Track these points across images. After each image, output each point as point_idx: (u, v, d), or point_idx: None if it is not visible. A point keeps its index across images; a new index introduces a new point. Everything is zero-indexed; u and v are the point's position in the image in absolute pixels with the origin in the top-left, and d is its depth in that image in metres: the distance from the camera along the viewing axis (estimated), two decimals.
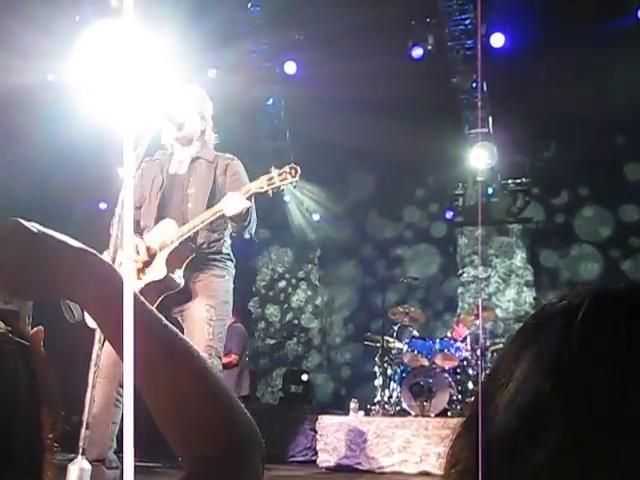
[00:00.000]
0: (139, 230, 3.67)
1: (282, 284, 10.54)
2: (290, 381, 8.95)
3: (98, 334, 2.59)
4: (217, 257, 3.72)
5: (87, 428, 2.71)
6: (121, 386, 3.52)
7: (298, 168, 3.43)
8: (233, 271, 3.79)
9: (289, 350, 10.25)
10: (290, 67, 8.76)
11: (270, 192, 3.41)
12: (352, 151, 9.14)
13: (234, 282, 3.79)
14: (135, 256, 3.50)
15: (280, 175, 3.43)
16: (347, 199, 10.09)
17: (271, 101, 9.36)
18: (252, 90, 8.88)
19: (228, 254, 3.78)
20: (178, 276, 3.53)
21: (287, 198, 10.21)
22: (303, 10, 8.06)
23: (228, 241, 3.79)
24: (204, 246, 3.68)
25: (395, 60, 8.35)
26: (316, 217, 10.28)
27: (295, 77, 8.80)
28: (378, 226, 10.02)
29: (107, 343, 3.01)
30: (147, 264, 3.54)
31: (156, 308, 3.08)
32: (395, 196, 9.89)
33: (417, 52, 8.32)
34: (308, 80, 8.61)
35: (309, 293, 10.44)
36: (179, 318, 3.60)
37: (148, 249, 3.54)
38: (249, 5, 8.17)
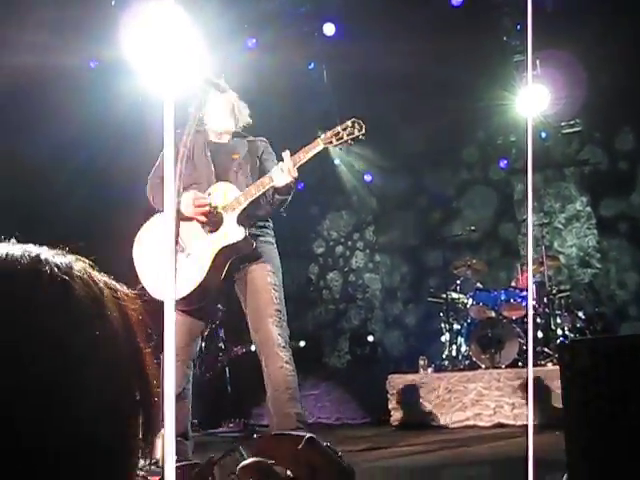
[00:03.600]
0: (190, 186, 3.63)
1: (340, 248, 10.53)
2: (356, 344, 8.99)
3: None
4: (266, 224, 3.78)
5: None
6: (192, 360, 3.58)
7: (362, 122, 3.46)
8: None
9: (353, 313, 10.27)
10: (329, 29, 8.62)
11: (339, 147, 3.54)
12: (399, 107, 9.00)
13: (293, 248, 3.83)
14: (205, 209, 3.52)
15: (345, 129, 3.47)
16: (398, 156, 9.96)
17: (312, 65, 9.26)
18: (292, 55, 8.79)
19: (270, 221, 3.84)
20: (249, 237, 3.54)
21: (337, 162, 10.16)
22: None
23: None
24: (259, 212, 3.70)
25: (435, 9, 8.16)
26: (368, 177, 10.21)
27: (335, 38, 8.68)
28: (432, 181, 9.89)
29: (183, 317, 3.07)
30: (213, 223, 3.53)
31: (225, 274, 3.04)
32: (447, 149, 9.73)
33: None
34: (348, 40, 8.48)
35: (368, 255, 10.41)
36: (236, 286, 3.61)
37: (213, 208, 3.54)
38: None
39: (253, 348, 8.11)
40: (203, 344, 3.71)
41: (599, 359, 2.03)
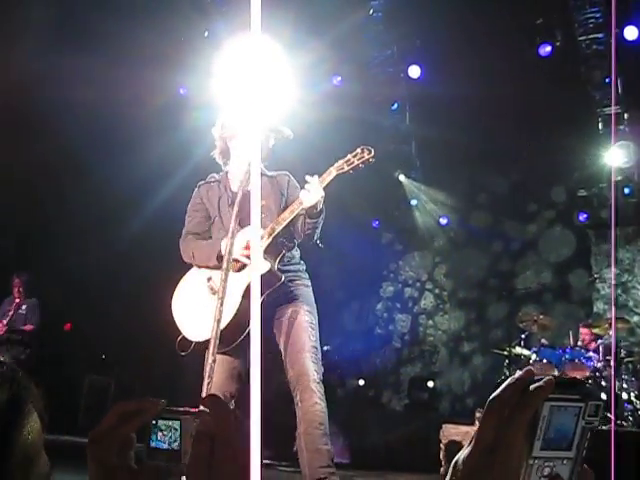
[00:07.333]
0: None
1: (409, 290, 10.48)
2: (416, 387, 8.88)
3: (211, 347, 2.72)
4: (300, 268, 3.83)
5: None
6: (232, 397, 3.61)
7: (371, 148, 3.56)
8: None
9: (416, 357, 10.18)
10: (414, 71, 8.69)
11: (350, 171, 3.53)
12: (480, 153, 8.97)
13: (362, 287, 3.84)
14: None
15: (355, 156, 3.55)
16: (475, 202, 9.89)
17: (396, 106, 9.33)
18: (376, 95, 8.89)
19: (303, 264, 3.89)
20: (278, 270, 3.61)
21: (414, 202, 10.16)
22: (426, 13, 7.99)
23: (299, 251, 3.90)
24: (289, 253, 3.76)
25: (522, 59, 8.13)
26: (443, 221, 10.17)
27: (420, 81, 8.73)
28: (507, 229, 9.76)
29: (221, 357, 3.12)
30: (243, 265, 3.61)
31: (260, 307, 3.07)
32: (525, 198, 9.61)
33: (545, 49, 8.05)
34: (433, 83, 8.52)
35: (436, 298, 10.33)
36: (275, 327, 3.68)
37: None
38: (371, 11, 8.21)
39: None
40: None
41: None
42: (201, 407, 0.81)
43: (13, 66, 6.88)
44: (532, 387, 0.70)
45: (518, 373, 0.72)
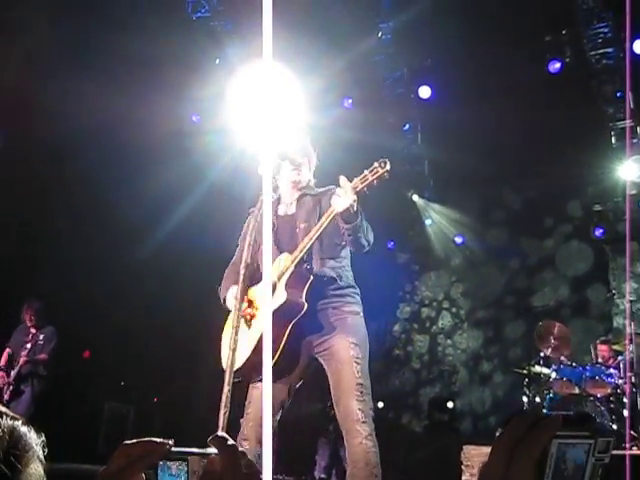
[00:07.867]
0: (260, 274, 3.62)
1: (426, 310, 10.44)
2: (436, 408, 8.81)
3: (227, 376, 2.71)
4: (349, 292, 3.69)
5: None
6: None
7: (387, 161, 3.38)
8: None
9: (435, 377, 10.11)
10: (424, 92, 8.73)
11: (366, 189, 3.36)
12: (493, 171, 8.97)
13: (378, 308, 3.77)
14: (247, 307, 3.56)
15: (371, 171, 3.39)
16: (490, 220, 9.87)
17: (407, 126, 9.37)
18: (388, 117, 8.94)
19: (356, 287, 3.74)
20: (299, 297, 3.51)
21: (428, 222, 10.16)
22: (434, 34, 8.05)
23: (351, 272, 3.76)
24: (332, 275, 3.65)
25: (532, 76, 8.16)
26: (459, 240, 10.15)
27: (430, 101, 8.77)
28: (523, 246, 9.72)
29: (257, 390, 3.10)
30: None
31: (287, 339, 3.13)
32: (540, 215, 9.58)
33: (555, 66, 8.07)
34: (444, 103, 8.56)
35: (454, 318, 10.27)
36: (320, 358, 3.58)
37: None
38: (380, 34, 8.27)
39: None
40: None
41: None
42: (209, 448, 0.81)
43: (30, 91, 6.98)
44: (539, 424, 0.69)
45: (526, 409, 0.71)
